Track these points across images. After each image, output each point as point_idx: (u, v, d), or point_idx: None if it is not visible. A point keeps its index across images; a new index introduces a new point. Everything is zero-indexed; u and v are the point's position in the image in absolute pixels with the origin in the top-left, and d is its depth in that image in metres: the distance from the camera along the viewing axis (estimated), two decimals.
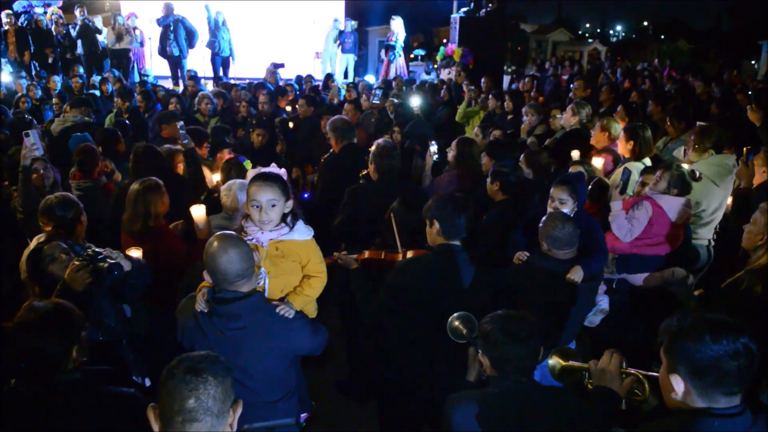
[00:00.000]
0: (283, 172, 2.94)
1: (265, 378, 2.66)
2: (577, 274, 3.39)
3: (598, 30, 56.85)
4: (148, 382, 3.05)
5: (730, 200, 4.88)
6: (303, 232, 2.95)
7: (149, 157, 4.62)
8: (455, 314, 2.71)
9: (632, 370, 2.22)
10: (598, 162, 5.08)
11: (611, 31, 59.65)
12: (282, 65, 12.17)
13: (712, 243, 4.73)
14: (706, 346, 1.71)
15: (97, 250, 2.88)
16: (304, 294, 2.94)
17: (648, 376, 2.15)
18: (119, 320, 3.07)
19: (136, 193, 3.88)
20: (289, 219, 2.92)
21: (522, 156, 4.95)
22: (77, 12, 13.04)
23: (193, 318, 2.61)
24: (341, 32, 14.36)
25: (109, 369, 2.52)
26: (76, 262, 2.80)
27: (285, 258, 2.91)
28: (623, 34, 60.17)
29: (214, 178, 5.08)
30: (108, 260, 2.83)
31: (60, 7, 13.75)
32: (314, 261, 3.02)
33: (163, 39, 12.55)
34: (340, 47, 14.54)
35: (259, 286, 2.77)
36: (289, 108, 8.56)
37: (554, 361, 2.49)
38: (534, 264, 3.50)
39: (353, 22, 14.84)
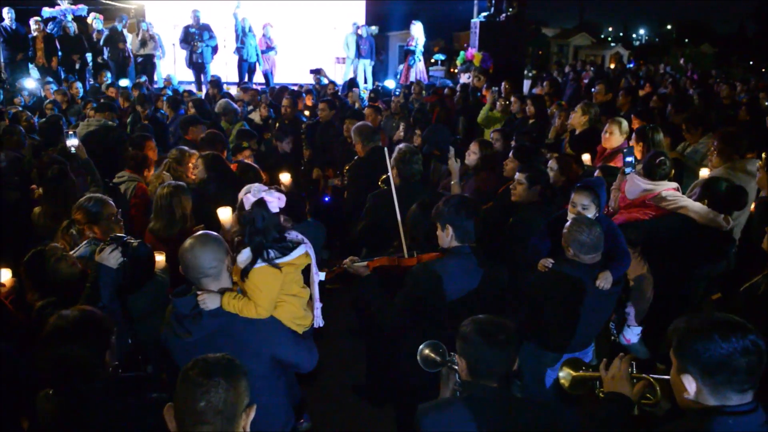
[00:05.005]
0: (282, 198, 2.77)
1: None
2: (606, 281, 3.41)
3: (621, 34, 56.29)
4: (150, 369, 3.17)
5: (752, 206, 4.84)
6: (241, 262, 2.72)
7: (217, 161, 4.81)
8: (423, 344, 2.66)
9: (643, 375, 2.21)
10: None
11: (634, 35, 59.05)
12: (319, 70, 12.33)
13: (734, 248, 4.70)
14: (716, 344, 1.74)
15: (119, 234, 3.06)
16: (237, 300, 2.61)
17: (659, 380, 2.15)
18: (120, 311, 3.10)
19: (170, 197, 3.93)
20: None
21: (554, 161, 4.95)
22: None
23: (167, 323, 2.60)
24: (359, 37, 14.45)
25: (140, 375, 2.55)
26: (105, 245, 2.94)
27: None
28: (646, 37, 59.55)
29: None
30: (132, 240, 3.03)
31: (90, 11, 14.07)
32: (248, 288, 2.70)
33: (190, 46, 12.79)
34: (358, 52, 14.64)
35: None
36: (307, 113, 8.63)
37: (565, 372, 2.48)
38: (560, 271, 3.49)
39: (373, 28, 14.91)
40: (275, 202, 2.68)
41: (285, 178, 5.15)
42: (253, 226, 2.64)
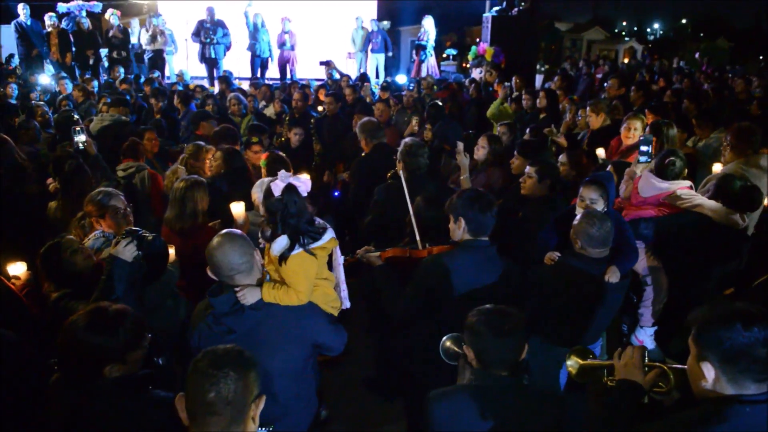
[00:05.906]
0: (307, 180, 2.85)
1: (284, 375, 2.67)
2: (614, 275, 3.40)
3: (635, 28, 55.75)
4: (161, 361, 3.18)
5: (766, 202, 4.79)
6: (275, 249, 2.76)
7: (235, 156, 4.86)
8: (446, 336, 2.70)
9: (656, 363, 2.22)
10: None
11: (648, 29, 58.41)
12: (329, 62, 12.37)
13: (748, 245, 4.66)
14: (738, 333, 1.76)
15: (134, 228, 3.08)
16: (276, 290, 2.67)
17: (672, 368, 2.15)
18: (137, 306, 3.14)
19: (184, 191, 3.95)
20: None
21: (564, 155, 4.93)
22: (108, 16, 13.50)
23: (204, 323, 2.63)
24: (369, 32, 14.45)
25: (151, 372, 2.55)
26: (121, 239, 2.96)
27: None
28: (661, 32, 58.89)
29: None
30: (147, 234, 3.05)
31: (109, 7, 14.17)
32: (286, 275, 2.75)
33: (203, 42, 12.84)
34: (370, 47, 14.65)
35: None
36: (320, 108, 8.67)
37: (572, 361, 2.50)
38: (567, 264, 3.48)
39: (385, 22, 14.90)
40: (303, 186, 2.76)
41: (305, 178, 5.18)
42: (287, 211, 2.69)
